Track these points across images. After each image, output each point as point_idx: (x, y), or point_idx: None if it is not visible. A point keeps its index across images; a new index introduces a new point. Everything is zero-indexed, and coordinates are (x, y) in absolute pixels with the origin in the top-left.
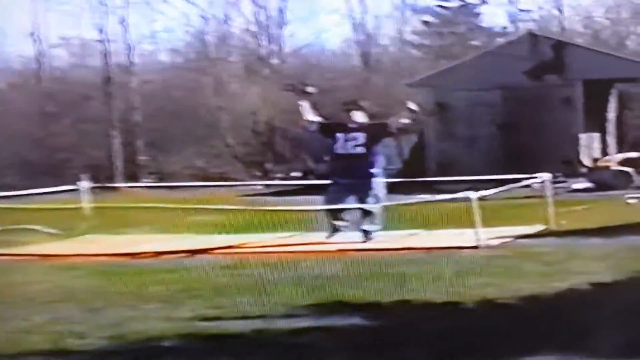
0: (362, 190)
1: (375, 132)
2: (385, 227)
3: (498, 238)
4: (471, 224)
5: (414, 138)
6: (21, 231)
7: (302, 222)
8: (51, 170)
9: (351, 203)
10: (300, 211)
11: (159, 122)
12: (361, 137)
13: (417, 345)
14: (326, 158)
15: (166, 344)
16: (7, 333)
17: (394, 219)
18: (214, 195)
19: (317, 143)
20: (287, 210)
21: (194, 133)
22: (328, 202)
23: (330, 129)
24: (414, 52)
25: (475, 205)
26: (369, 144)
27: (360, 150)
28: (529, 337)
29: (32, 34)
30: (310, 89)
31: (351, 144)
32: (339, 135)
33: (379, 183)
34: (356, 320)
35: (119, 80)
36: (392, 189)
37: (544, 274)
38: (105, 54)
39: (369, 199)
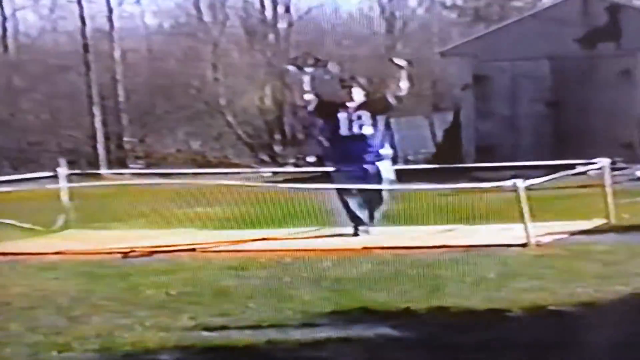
0: (372, 177)
1: (377, 108)
2: (417, 221)
3: (550, 234)
4: (518, 218)
5: (448, 117)
6: None
7: (318, 214)
8: (22, 155)
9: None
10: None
11: (147, 97)
12: (365, 115)
13: None
14: (326, 143)
15: (163, 357)
16: None
17: (427, 212)
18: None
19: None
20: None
21: (187, 110)
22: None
23: (329, 108)
24: (447, 14)
25: (522, 195)
26: (374, 123)
27: (367, 131)
28: (585, 349)
29: None
30: (331, 66)
31: (356, 124)
32: (340, 115)
33: (389, 167)
34: (384, 330)
35: (99, 48)
36: (424, 176)
37: (604, 276)
38: (82, 17)
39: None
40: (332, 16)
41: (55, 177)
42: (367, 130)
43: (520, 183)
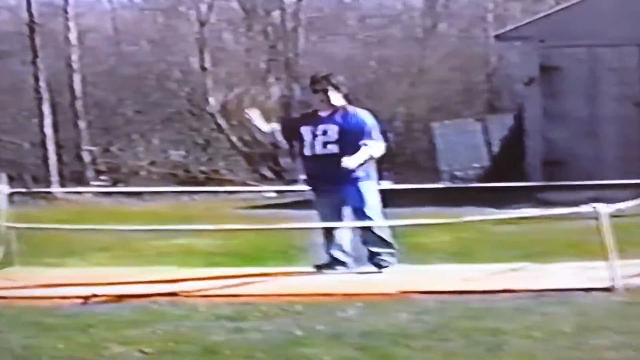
0: (353, 202)
1: (351, 120)
2: (469, 258)
3: None
4: (600, 254)
5: (507, 120)
6: None
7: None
8: None
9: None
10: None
11: (112, 92)
12: (333, 129)
13: None
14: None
15: None
16: None
17: (481, 245)
18: (201, 207)
19: None
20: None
21: (165, 109)
22: (322, 219)
23: (293, 127)
24: None
25: (606, 224)
26: (344, 138)
27: (331, 149)
28: None
29: None
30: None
31: (320, 140)
32: (304, 130)
33: (373, 189)
34: None
35: (49, 27)
36: (476, 198)
37: None
38: None
39: (366, 212)
40: None
41: None
42: (332, 148)
43: (603, 208)
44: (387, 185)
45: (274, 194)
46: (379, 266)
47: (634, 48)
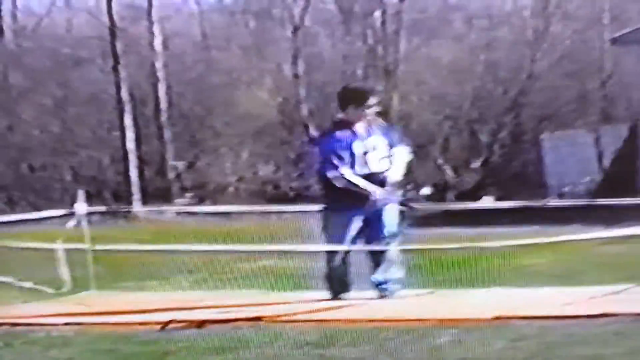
0: (374, 226)
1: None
2: (571, 281)
3: None
4: None
5: (622, 131)
6: None
7: (432, 269)
8: (22, 184)
9: (364, 242)
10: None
11: (198, 102)
12: (383, 143)
13: None
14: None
15: None
16: None
17: (585, 266)
18: (291, 226)
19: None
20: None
21: (255, 121)
22: (337, 242)
23: (342, 141)
24: None
25: None
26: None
27: (384, 164)
28: None
29: None
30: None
31: (373, 156)
32: (356, 145)
33: (395, 212)
34: None
35: (132, 32)
36: (584, 215)
37: None
38: None
39: (387, 237)
40: None
41: (69, 216)
42: (384, 165)
43: None
44: (489, 202)
45: None
46: (383, 294)
47: None
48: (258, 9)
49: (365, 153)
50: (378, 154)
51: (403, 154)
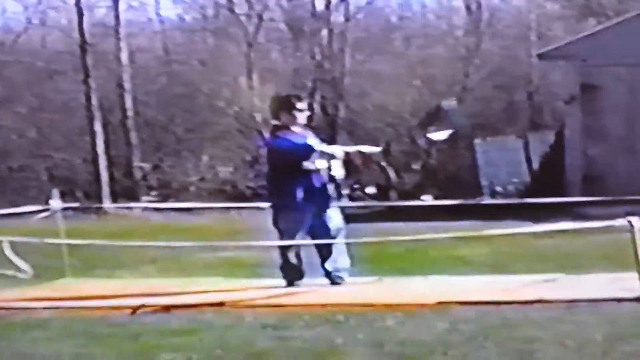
0: (317, 220)
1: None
2: (506, 270)
3: None
4: (633, 266)
5: (549, 137)
6: None
7: (378, 260)
8: (2, 183)
9: (309, 235)
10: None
11: (162, 110)
12: (318, 144)
13: None
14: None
15: None
16: None
17: (518, 258)
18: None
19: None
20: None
21: (214, 128)
22: (290, 235)
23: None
24: (548, 5)
25: (639, 237)
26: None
27: (323, 163)
28: None
29: None
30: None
31: (316, 155)
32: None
33: (336, 208)
34: None
35: (100, 47)
36: (516, 213)
37: None
38: (79, 8)
39: (331, 230)
40: (400, 7)
41: (44, 211)
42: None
43: (637, 222)
44: (428, 200)
45: None
46: (334, 282)
47: None
48: (215, 27)
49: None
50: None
51: (338, 152)
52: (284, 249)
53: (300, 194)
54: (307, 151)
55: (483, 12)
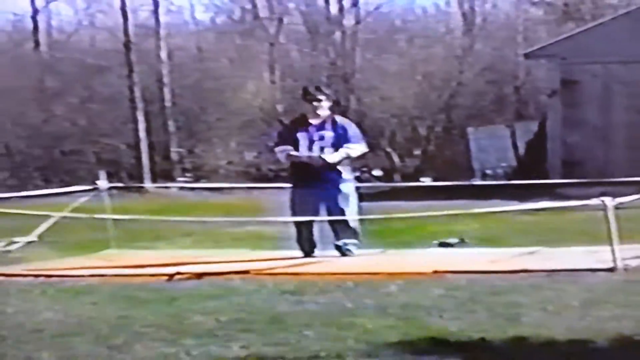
0: (333, 198)
1: (340, 127)
2: (494, 243)
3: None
4: (606, 240)
5: (533, 127)
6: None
7: (382, 234)
8: (55, 166)
9: (323, 213)
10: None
11: (196, 102)
12: (329, 135)
13: None
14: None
15: None
16: None
17: (505, 232)
18: (270, 199)
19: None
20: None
21: (241, 117)
22: (296, 213)
23: (290, 132)
24: (533, 11)
25: (611, 215)
26: (337, 143)
27: (329, 152)
28: None
29: None
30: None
31: (318, 145)
32: (301, 135)
33: (351, 188)
34: None
35: (142, 46)
36: (503, 193)
37: None
38: (124, 11)
39: (342, 208)
40: (404, 12)
41: (93, 190)
42: (329, 152)
43: (609, 201)
44: (427, 182)
45: None
46: (344, 254)
47: None
48: (242, 29)
49: (311, 140)
50: (323, 143)
51: (352, 149)
52: (298, 225)
53: (302, 177)
54: (295, 143)
55: (476, 17)
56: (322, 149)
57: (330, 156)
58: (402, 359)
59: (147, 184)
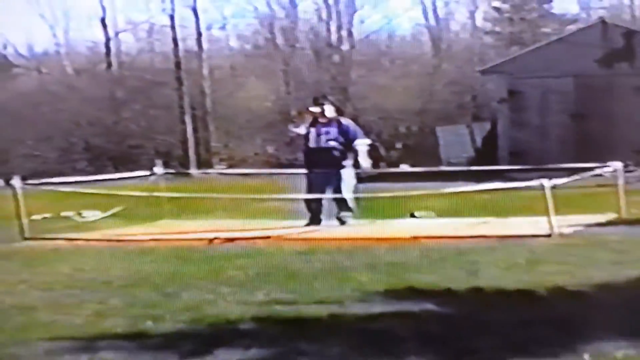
0: (335, 180)
1: (342, 126)
2: (458, 215)
3: (570, 226)
4: (544, 212)
5: (487, 126)
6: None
7: (372, 208)
8: (123, 156)
9: (327, 192)
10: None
11: (230, 108)
12: (331, 131)
13: (489, 334)
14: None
15: (242, 327)
16: (85, 316)
17: (466, 207)
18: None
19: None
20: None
21: (264, 119)
22: (306, 192)
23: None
24: (486, 38)
25: (548, 193)
26: (339, 137)
27: (332, 143)
28: (601, 325)
29: (100, 19)
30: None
31: (323, 138)
32: (312, 130)
33: (350, 173)
34: (428, 307)
35: (189, 66)
36: (464, 177)
37: (616, 262)
38: (175, 40)
39: (341, 188)
40: (388, 39)
41: (151, 175)
42: (331, 144)
43: (546, 183)
44: (406, 168)
45: None
46: (343, 222)
47: (570, 78)
48: (265, 53)
49: (318, 135)
50: (328, 136)
51: (363, 145)
52: (307, 201)
53: (314, 164)
54: (303, 137)
55: (443, 43)
56: (327, 140)
57: (364, 161)
58: (387, 303)
59: (193, 171)
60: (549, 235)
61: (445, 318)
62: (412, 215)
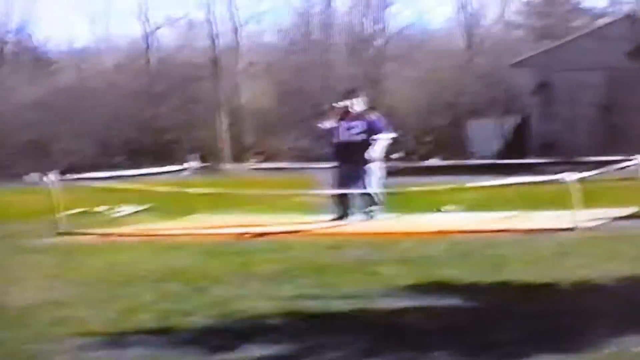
0: (363, 175)
1: (369, 120)
2: (485, 208)
3: (595, 220)
4: (569, 206)
5: (517, 119)
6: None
7: (400, 202)
8: (160, 151)
9: (355, 186)
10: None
11: (264, 103)
12: (360, 125)
13: (515, 327)
14: (329, 145)
15: (270, 321)
16: (117, 311)
17: (493, 201)
18: (316, 177)
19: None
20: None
21: (297, 114)
22: (334, 186)
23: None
24: (517, 32)
25: (573, 187)
26: (366, 132)
27: (360, 137)
28: (624, 318)
29: (138, 15)
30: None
31: (351, 132)
32: (341, 124)
33: (377, 167)
34: (454, 301)
35: (226, 61)
36: (493, 170)
37: (639, 257)
38: (212, 35)
39: (369, 182)
40: (421, 34)
41: (186, 169)
42: (359, 137)
43: (572, 176)
44: (437, 162)
45: None
46: (370, 217)
47: (599, 71)
48: (300, 48)
49: (347, 129)
50: (354, 131)
51: (383, 139)
52: (335, 196)
53: (342, 159)
54: (331, 131)
55: (474, 37)
56: (355, 134)
57: (373, 151)
58: (413, 298)
59: (228, 165)
60: (572, 229)
61: (470, 312)
62: (439, 210)
